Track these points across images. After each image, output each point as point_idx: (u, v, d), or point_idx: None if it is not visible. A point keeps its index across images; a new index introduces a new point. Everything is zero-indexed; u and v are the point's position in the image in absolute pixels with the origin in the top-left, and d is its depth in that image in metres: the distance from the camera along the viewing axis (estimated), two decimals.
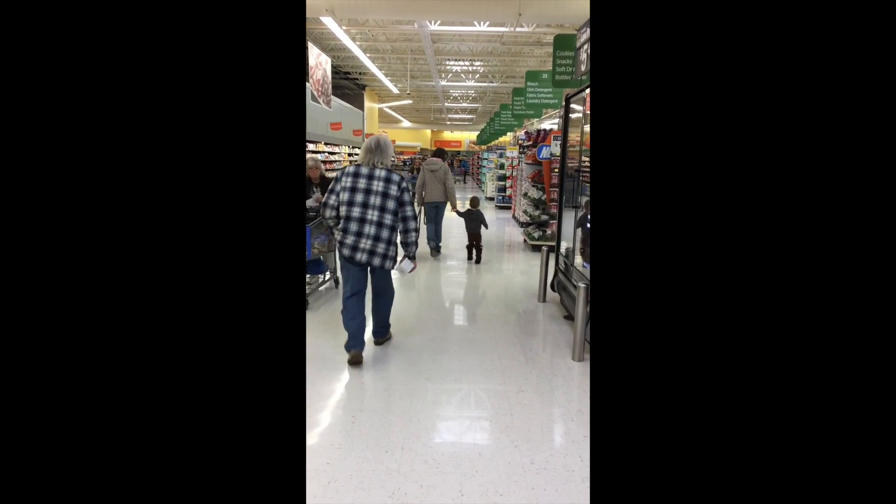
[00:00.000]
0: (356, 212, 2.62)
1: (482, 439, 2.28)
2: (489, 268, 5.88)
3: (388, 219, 2.65)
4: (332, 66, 13.27)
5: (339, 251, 2.75)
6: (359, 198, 2.62)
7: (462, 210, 5.97)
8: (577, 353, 3.18)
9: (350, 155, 13.74)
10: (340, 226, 2.69)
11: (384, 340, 3.27)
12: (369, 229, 2.63)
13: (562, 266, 4.32)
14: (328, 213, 2.73)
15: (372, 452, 2.16)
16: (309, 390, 2.70)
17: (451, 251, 6.67)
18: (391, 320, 3.32)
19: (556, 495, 1.90)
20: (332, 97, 12.91)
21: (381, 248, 2.66)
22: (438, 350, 3.32)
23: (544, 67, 13.08)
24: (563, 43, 6.93)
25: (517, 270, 5.81)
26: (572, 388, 2.82)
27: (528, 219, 7.27)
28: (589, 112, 3.60)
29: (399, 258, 2.85)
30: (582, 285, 3.12)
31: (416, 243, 2.87)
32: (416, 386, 2.78)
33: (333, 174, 3.60)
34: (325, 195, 2.77)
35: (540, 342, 3.53)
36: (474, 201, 6.00)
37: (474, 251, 5.92)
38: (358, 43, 12.27)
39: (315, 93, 11.25)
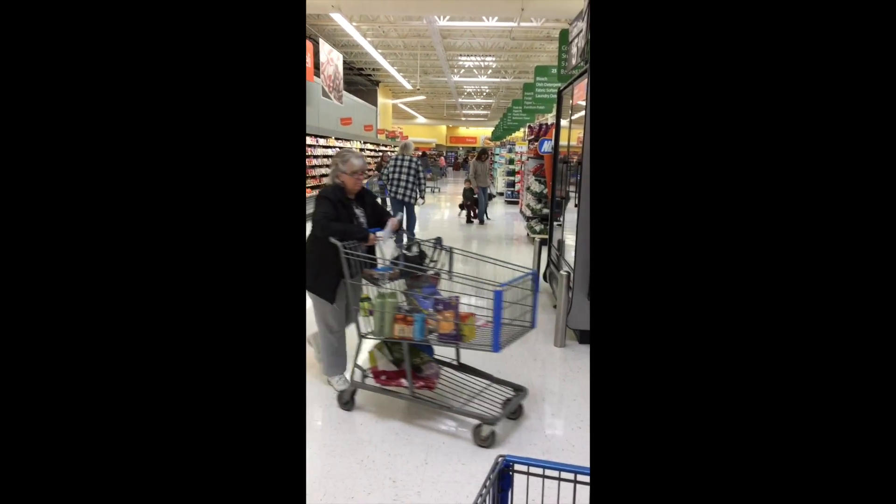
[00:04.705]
0: (395, 177, 6.28)
1: (452, 416, 2.39)
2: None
3: (409, 181, 6.27)
4: (345, 62, 13.44)
5: (391, 196, 6.32)
6: (396, 171, 6.29)
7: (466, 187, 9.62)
8: (559, 339, 3.27)
9: (361, 150, 13.92)
10: (391, 184, 6.30)
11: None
12: (399, 184, 6.28)
13: (553, 257, 4.40)
14: (383, 177, 6.59)
15: (347, 425, 2.29)
16: None
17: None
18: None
19: None
20: (344, 93, 13.09)
21: (406, 193, 6.26)
22: None
23: (555, 62, 13.06)
24: (568, 37, 6.96)
25: (516, 263, 5.90)
26: (548, 372, 2.91)
27: (531, 213, 7.33)
28: (574, 103, 3.67)
29: (418, 198, 6.55)
30: (563, 273, 3.20)
31: (424, 191, 6.54)
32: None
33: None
34: (380, 172, 7.26)
35: None
36: (467, 185, 9.73)
37: (471, 213, 9.28)
38: (369, 39, 12.40)
39: (326, 88, 11.43)
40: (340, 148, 11.96)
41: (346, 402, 2.43)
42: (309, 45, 9.41)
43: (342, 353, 2.62)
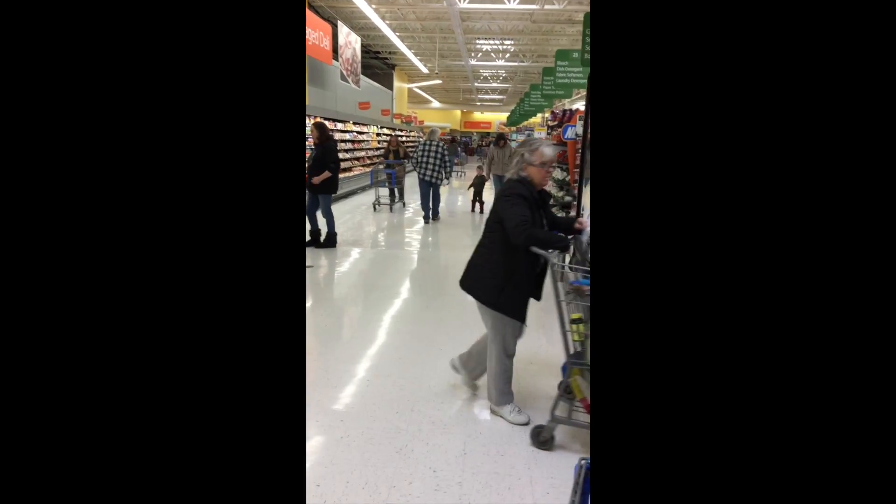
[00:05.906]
0: (423, 160, 6.92)
1: (488, 405, 2.38)
2: None
3: (436, 163, 6.91)
4: (362, 45, 13.32)
5: (420, 177, 7.01)
6: (424, 155, 6.92)
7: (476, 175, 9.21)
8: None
9: (378, 135, 13.82)
10: (420, 167, 6.97)
11: (436, 219, 7.40)
12: (427, 167, 6.91)
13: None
14: (414, 163, 7.13)
15: (383, 412, 2.29)
16: (337, 352, 2.85)
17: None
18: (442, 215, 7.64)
19: (552, 454, 1.99)
20: (362, 76, 12.98)
21: (434, 174, 6.91)
22: (455, 323, 3.42)
23: (576, 46, 12.79)
24: None
25: None
26: None
27: (552, 200, 7.26)
28: None
29: (444, 178, 7.18)
30: None
31: (450, 173, 7.82)
32: (429, 354, 2.90)
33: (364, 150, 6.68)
34: (414, 154, 7.48)
35: (553, 315, 3.59)
36: (479, 172, 9.24)
37: (478, 205, 8.63)
38: (388, 22, 12.25)
39: (344, 72, 11.33)
40: (358, 133, 11.88)
41: (546, 440, 2.02)
42: (327, 27, 9.31)
43: (511, 379, 2.30)
